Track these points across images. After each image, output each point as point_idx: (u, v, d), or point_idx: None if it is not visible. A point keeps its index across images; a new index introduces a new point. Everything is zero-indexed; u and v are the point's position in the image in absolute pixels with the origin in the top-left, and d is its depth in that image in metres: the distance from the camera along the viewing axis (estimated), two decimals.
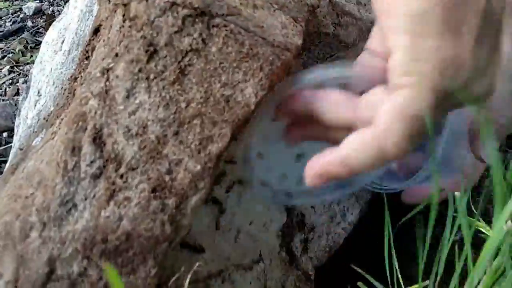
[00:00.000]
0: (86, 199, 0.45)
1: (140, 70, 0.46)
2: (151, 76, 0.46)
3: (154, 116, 0.45)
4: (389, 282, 0.57)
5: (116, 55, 0.48)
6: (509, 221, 0.43)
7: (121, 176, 0.45)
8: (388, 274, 0.57)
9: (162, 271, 0.46)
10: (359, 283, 0.55)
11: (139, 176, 0.45)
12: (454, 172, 0.61)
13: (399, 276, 0.58)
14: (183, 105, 0.45)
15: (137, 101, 0.46)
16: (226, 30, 0.45)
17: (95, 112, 0.47)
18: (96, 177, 0.46)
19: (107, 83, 0.47)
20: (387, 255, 0.53)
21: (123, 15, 0.48)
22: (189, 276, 0.48)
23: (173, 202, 0.45)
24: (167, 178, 0.45)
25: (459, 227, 0.46)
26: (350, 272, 0.60)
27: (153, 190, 0.45)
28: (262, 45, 0.48)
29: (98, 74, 0.48)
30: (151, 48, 0.45)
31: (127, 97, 0.46)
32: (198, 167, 0.45)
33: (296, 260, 0.73)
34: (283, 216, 0.71)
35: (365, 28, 0.80)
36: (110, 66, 0.47)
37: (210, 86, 0.46)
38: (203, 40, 0.45)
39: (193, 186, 0.45)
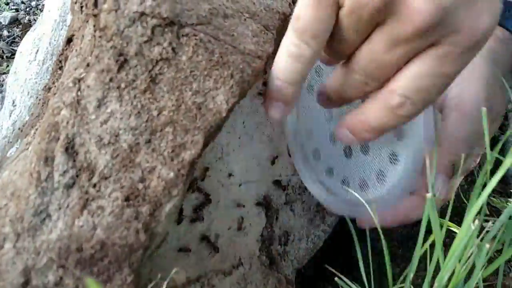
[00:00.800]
0: (60, 208, 0.46)
1: (111, 80, 0.46)
2: (122, 85, 0.46)
3: (126, 125, 0.46)
4: (366, 283, 0.58)
5: (88, 65, 0.48)
6: (477, 220, 0.45)
7: (94, 185, 0.45)
8: (364, 275, 0.59)
9: (138, 279, 0.46)
10: (336, 279, 0.56)
11: (112, 185, 0.45)
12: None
13: (375, 276, 0.59)
14: (154, 113, 0.46)
15: (108, 110, 0.46)
16: (196, 39, 0.46)
17: (67, 122, 0.47)
18: (69, 186, 0.46)
19: (79, 93, 0.47)
20: (361, 256, 0.55)
21: (94, 25, 0.49)
22: (165, 283, 0.49)
23: (147, 210, 0.45)
24: (140, 186, 0.45)
25: None
26: (331, 273, 0.61)
27: (127, 199, 0.45)
28: (232, 53, 0.48)
29: (70, 84, 0.49)
30: (122, 58, 0.46)
31: (99, 106, 0.46)
32: (172, 174, 0.46)
33: (276, 264, 0.74)
34: (262, 220, 0.72)
35: None
36: (82, 76, 0.48)
37: (182, 94, 0.46)
38: (173, 49, 0.46)
39: (167, 193, 0.46)
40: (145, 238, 0.45)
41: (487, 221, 0.59)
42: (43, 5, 1.34)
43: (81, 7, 0.58)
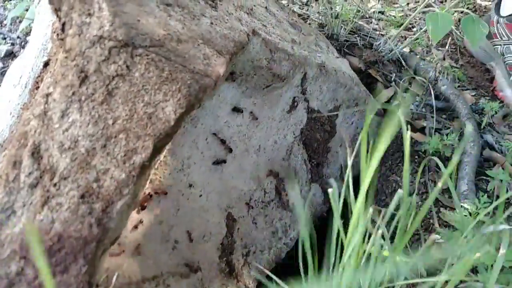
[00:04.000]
0: (24, 205, 0.51)
1: (73, 94, 0.53)
2: (83, 98, 0.53)
3: (85, 132, 0.52)
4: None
5: (56, 82, 0.55)
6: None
7: (55, 185, 0.51)
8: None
9: (93, 270, 0.52)
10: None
11: (70, 184, 0.51)
12: None
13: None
14: (110, 122, 0.53)
15: (70, 120, 0.53)
16: (148, 58, 0.53)
17: (35, 131, 0.54)
18: (33, 186, 0.52)
19: (46, 105, 0.54)
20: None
21: (62, 49, 0.56)
22: (115, 277, 0.54)
23: (100, 206, 0.51)
24: (94, 185, 0.51)
25: None
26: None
27: (82, 196, 0.51)
28: (181, 71, 0.56)
29: (40, 100, 0.56)
30: (83, 74, 0.53)
31: (62, 116, 0.53)
32: (123, 175, 0.52)
33: (236, 272, 0.78)
34: (222, 230, 0.77)
35: (298, 62, 0.89)
36: (50, 91, 0.55)
37: (134, 105, 0.53)
38: (127, 66, 0.53)
39: (118, 192, 0.51)
40: (98, 232, 0.50)
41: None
42: None
43: (57, 35, 0.66)
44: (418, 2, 1.99)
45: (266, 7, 0.95)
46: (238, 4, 0.84)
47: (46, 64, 0.68)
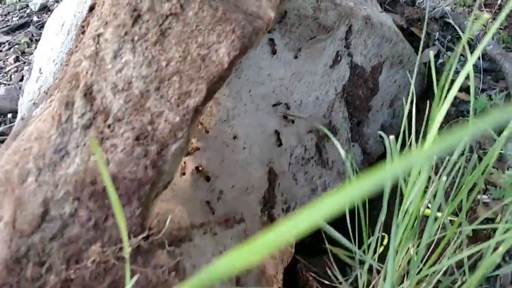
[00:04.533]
0: (77, 146, 0.51)
1: (126, 33, 0.52)
2: (136, 38, 0.51)
3: (138, 73, 0.51)
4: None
5: (106, 23, 0.54)
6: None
7: (109, 126, 0.51)
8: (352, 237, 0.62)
9: (146, 213, 0.51)
10: (328, 245, 0.60)
11: (125, 126, 0.50)
12: None
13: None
14: (163, 63, 0.51)
15: (123, 61, 0.51)
16: None
17: (87, 72, 0.53)
18: (86, 127, 0.51)
19: (97, 46, 0.53)
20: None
21: None
22: (168, 221, 0.54)
23: (155, 149, 0.50)
24: (149, 128, 0.50)
25: None
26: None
27: (137, 138, 0.50)
28: (235, 11, 0.53)
29: (90, 42, 0.54)
30: (136, 13, 0.51)
31: (115, 57, 0.52)
32: (177, 118, 0.51)
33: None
34: (264, 183, 0.76)
35: (344, 13, 0.85)
36: (101, 32, 0.53)
37: (188, 47, 0.51)
38: (181, 5, 0.51)
39: (173, 135, 0.51)
40: (153, 174, 0.50)
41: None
42: None
43: None
44: None
45: None
46: None
47: (91, 8, 0.66)
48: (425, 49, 1.13)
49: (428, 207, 0.54)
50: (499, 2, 1.37)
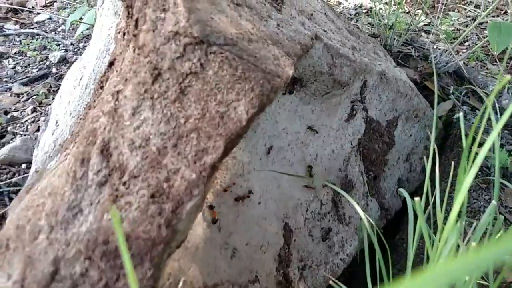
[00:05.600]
0: (91, 204, 0.50)
1: (145, 91, 0.52)
2: (155, 96, 0.52)
3: (156, 130, 0.51)
4: None
5: (126, 80, 0.54)
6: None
7: (124, 183, 0.50)
8: None
9: (158, 273, 0.49)
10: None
11: (140, 183, 0.49)
12: None
13: None
14: (182, 120, 0.51)
15: (141, 118, 0.51)
16: (222, 56, 0.52)
17: (104, 128, 0.52)
18: (101, 184, 0.50)
19: (116, 102, 0.53)
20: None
21: (133, 46, 0.55)
22: (181, 281, 0.51)
23: (170, 207, 0.49)
24: (165, 185, 0.49)
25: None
26: None
27: (152, 196, 0.49)
28: (254, 70, 0.54)
29: (109, 98, 0.55)
30: (156, 72, 0.52)
31: (133, 114, 0.52)
32: (194, 175, 0.50)
33: (292, 287, 0.75)
34: (280, 240, 0.74)
35: (359, 69, 0.86)
36: (120, 89, 0.54)
37: (207, 104, 0.51)
38: (201, 64, 0.51)
39: (189, 192, 0.49)
40: (166, 233, 0.48)
41: None
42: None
43: (124, 34, 0.66)
44: (469, 17, 1.93)
45: (325, 13, 0.92)
46: (299, 9, 0.82)
47: (111, 64, 0.68)
48: (440, 103, 1.13)
49: None
50: (506, 55, 1.38)
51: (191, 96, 0.51)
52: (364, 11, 1.65)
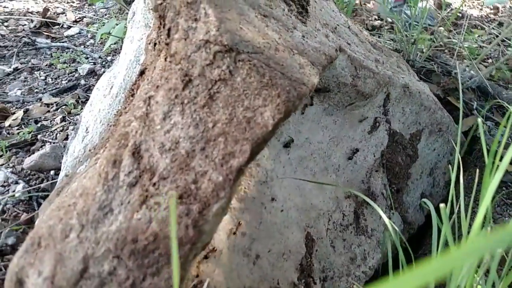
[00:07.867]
0: (121, 204, 0.52)
1: (176, 97, 0.54)
2: (185, 101, 0.53)
3: (185, 134, 0.52)
4: None
5: (157, 86, 0.57)
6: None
7: (154, 184, 0.51)
8: None
9: (184, 273, 0.50)
10: None
11: (169, 184, 0.51)
12: None
13: None
14: (210, 125, 0.53)
15: (172, 122, 0.53)
16: (250, 63, 0.53)
17: (136, 132, 0.55)
18: (132, 185, 0.52)
19: (148, 107, 0.55)
20: None
21: (165, 55, 0.58)
22: (206, 284, 0.52)
23: (197, 208, 0.50)
24: (193, 186, 0.51)
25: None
26: None
27: (180, 197, 0.50)
28: (281, 78, 0.55)
29: (141, 103, 0.57)
30: (187, 78, 0.54)
31: (164, 118, 0.54)
32: (220, 178, 0.51)
33: None
34: (302, 249, 0.74)
35: (383, 81, 0.87)
36: (152, 95, 0.56)
37: (234, 110, 0.53)
38: (230, 71, 0.53)
39: (215, 194, 0.51)
40: (193, 234, 0.49)
41: None
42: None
43: (154, 44, 0.68)
44: (491, 34, 1.93)
45: (348, 27, 0.94)
46: (323, 22, 0.84)
47: (142, 73, 0.70)
48: (464, 118, 1.12)
49: (480, 284, 0.51)
50: None
51: (220, 102, 0.53)
52: (386, 27, 1.66)
